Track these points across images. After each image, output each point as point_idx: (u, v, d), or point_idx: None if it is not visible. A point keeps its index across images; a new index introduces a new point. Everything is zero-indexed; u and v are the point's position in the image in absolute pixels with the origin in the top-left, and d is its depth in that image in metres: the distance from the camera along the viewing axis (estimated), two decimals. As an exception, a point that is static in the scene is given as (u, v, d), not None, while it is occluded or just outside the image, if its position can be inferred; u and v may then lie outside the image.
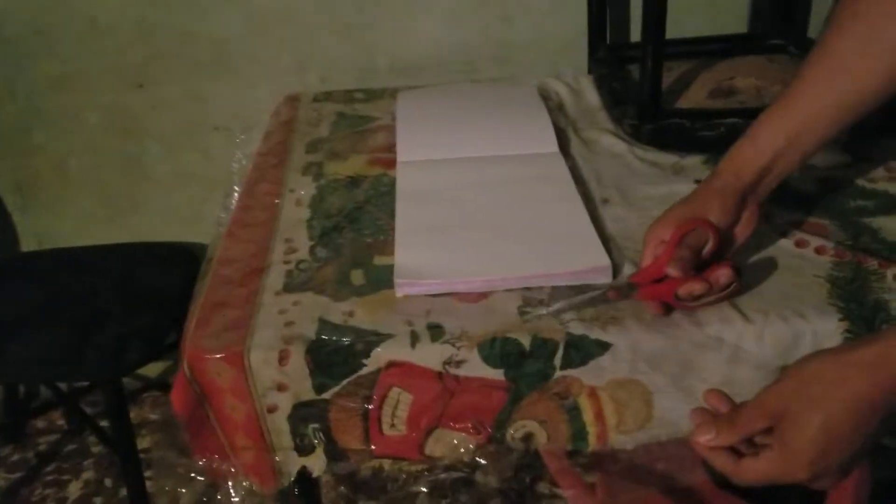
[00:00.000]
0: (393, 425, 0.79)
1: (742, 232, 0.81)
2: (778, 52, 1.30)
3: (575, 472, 0.99)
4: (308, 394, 0.77)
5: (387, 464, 0.83)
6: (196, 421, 0.79)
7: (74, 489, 1.63)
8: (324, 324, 0.78)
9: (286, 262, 0.89)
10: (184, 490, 0.82)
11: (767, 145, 0.79)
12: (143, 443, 1.48)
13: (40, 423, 1.79)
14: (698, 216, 0.78)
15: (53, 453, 1.73)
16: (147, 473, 1.36)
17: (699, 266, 0.76)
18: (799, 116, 0.78)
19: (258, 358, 0.76)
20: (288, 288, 0.84)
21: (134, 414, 1.40)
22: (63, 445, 1.75)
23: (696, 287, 0.74)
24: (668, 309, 0.77)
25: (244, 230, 0.96)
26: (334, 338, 0.77)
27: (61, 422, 1.79)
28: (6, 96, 1.47)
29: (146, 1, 1.39)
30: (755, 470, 0.63)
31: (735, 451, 0.65)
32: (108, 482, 1.64)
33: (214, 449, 0.81)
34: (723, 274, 0.75)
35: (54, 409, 1.78)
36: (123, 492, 1.55)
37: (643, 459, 1.01)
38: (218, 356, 0.76)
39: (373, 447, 0.81)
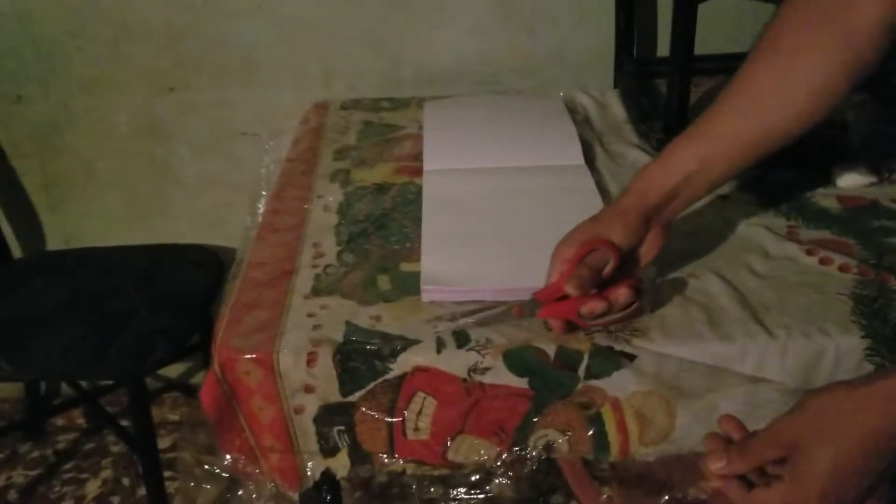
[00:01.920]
0: (417, 430, 0.80)
1: (647, 253, 0.80)
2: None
3: (593, 485, 1.00)
4: (335, 396, 0.78)
5: (410, 468, 0.83)
6: (224, 420, 0.80)
7: (92, 488, 1.65)
8: (351, 327, 0.80)
9: (314, 266, 0.90)
10: (208, 486, 0.83)
11: (677, 168, 0.79)
12: (162, 443, 1.49)
13: (60, 421, 1.80)
14: (601, 235, 0.77)
15: (72, 451, 1.74)
16: (166, 473, 1.37)
17: (603, 285, 0.76)
18: (712, 142, 0.78)
19: (287, 360, 0.77)
20: (316, 291, 0.86)
21: (154, 414, 1.41)
22: (82, 444, 1.76)
23: (596, 306, 0.74)
24: (571, 327, 0.77)
25: (273, 234, 0.97)
26: (362, 341, 0.78)
27: (81, 420, 1.80)
28: (38, 97, 1.49)
29: (177, 7, 1.41)
30: (766, 501, 0.63)
31: (747, 481, 0.65)
32: (126, 481, 1.65)
33: (241, 449, 0.82)
34: (622, 293, 0.75)
35: (74, 408, 1.79)
36: (141, 491, 1.57)
37: (661, 473, 1.02)
38: (249, 357, 0.77)
39: (396, 451, 0.81)
